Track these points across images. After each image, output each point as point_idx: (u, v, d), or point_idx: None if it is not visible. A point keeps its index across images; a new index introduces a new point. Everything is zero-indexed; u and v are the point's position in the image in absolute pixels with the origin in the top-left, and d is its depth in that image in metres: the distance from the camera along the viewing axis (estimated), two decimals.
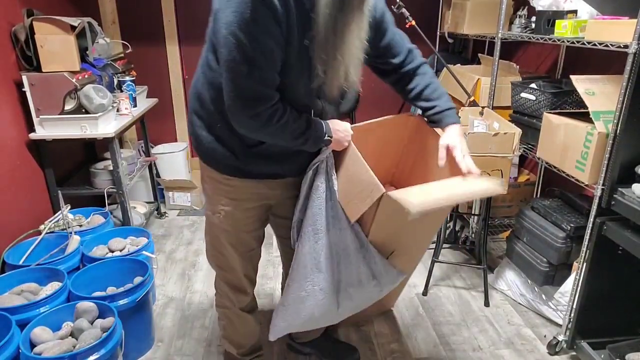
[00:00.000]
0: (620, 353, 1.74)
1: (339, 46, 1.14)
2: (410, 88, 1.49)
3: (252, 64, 1.12)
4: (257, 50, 1.11)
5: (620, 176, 1.65)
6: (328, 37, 1.13)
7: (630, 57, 1.55)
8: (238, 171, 1.39)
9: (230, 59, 1.13)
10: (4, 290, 1.79)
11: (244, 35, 1.09)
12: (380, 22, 1.35)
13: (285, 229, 1.61)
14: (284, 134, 1.26)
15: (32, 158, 2.35)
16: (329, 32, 1.12)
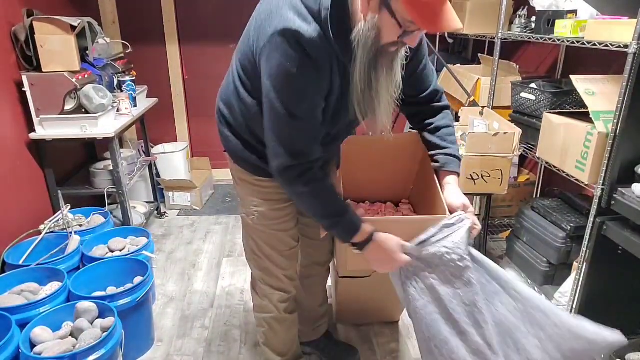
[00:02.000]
0: (620, 353, 1.74)
1: (374, 98, 1.15)
2: (429, 122, 1.45)
3: (294, 117, 1.12)
4: (301, 105, 1.12)
5: (620, 176, 1.66)
6: (364, 92, 1.14)
7: (630, 57, 1.55)
8: (268, 173, 1.34)
9: (272, 114, 1.13)
10: (4, 290, 1.79)
11: (286, 89, 1.09)
12: (416, 51, 1.29)
13: (310, 228, 1.64)
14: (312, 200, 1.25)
15: (32, 158, 2.35)
16: (365, 88, 1.13)
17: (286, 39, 1.03)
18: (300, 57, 1.04)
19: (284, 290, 1.59)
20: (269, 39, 1.06)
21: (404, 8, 0.99)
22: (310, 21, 1.05)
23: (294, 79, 1.07)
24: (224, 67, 1.17)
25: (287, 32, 1.03)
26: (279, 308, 1.60)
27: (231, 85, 1.30)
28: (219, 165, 3.77)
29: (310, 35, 1.04)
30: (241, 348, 2.03)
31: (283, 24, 1.04)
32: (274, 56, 1.06)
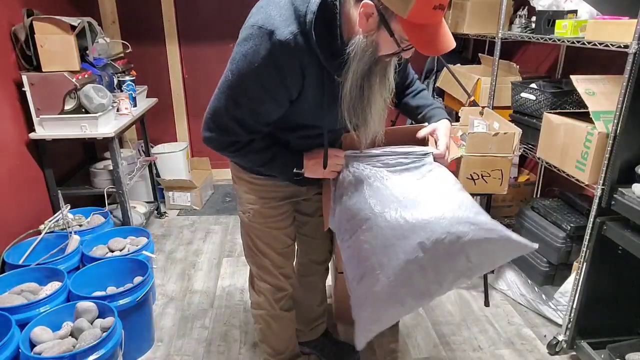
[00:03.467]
0: (620, 353, 1.74)
1: (366, 107, 1.16)
2: (409, 92, 1.50)
3: (236, 104, 1.15)
4: (246, 97, 1.14)
5: (620, 176, 1.65)
6: (355, 103, 1.14)
7: (630, 57, 1.55)
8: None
9: (221, 89, 1.17)
10: (4, 290, 1.79)
11: (240, 78, 1.12)
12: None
13: (308, 226, 1.65)
14: (243, 160, 1.36)
15: (32, 158, 2.35)
16: (356, 99, 1.14)
17: (260, 34, 1.05)
18: (266, 55, 1.06)
19: (280, 288, 1.60)
20: (246, 27, 1.09)
21: (402, 30, 1.00)
22: (290, 23, 1.05)
23: (251, 72, 1.09)
24: (224, 67, 1.16)
25: (263, 29, 1.05)
26: (274, 305, 1.61)
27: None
28: (218, 165, 3.77)
29: (285, 38, 1.04)
30: (241, 348, 2.03)
31: (262, 20, 1.06)
32: (244, 44, 1.08)
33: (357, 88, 1.11)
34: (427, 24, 1.00)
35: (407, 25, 0.99)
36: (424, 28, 0.99)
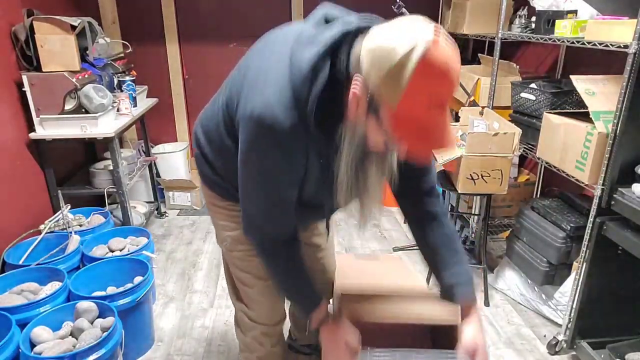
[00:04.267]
0: (620, 353, 1.74)
1: (362, 192, 1.06)
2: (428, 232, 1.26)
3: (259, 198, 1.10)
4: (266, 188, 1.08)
5: (620, 176, 1.65)
6: (350, 187, 1.04)
7: (630, 57, 1.55)
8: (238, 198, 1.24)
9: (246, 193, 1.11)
10: (4, 289, 1.79)
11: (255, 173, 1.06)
12: None
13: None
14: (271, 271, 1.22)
15: (32, 158, 2.35)
16: (351, 184, 1.04)
17: (260, 125, 0.95)
18: (270, 143, 0.98)
19: (270, 323, 1.46)
20: (245, 117, 0.99)
21: (389, 123, 0.88)
22: (290, 111, 0.93)
23: (261, 161, 1.03)
24: (224, 67, 1.15)
25: (262, 121, 0.94)
26: (265, 343, 1.48)
27: (216, 117, 1.20)
28: None
29: (286, 128, 0.94)
30: None
31: (260, 108, 0.95)
32: (247, 133, 1.00)
33: (352, 176, 1.01)
34: (420, 123, 0.86)
35: (398, 120, 0.86)
36: (416, 123, 0.86)
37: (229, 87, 1.14)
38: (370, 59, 0.85)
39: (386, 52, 0.82)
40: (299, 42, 0.95)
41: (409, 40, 0.81)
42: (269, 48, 1.04)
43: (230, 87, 1.12)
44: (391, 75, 0.82)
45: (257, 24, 3.56)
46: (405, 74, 0.80)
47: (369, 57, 0.85)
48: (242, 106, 1.01)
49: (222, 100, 1.16)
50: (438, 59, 0.80)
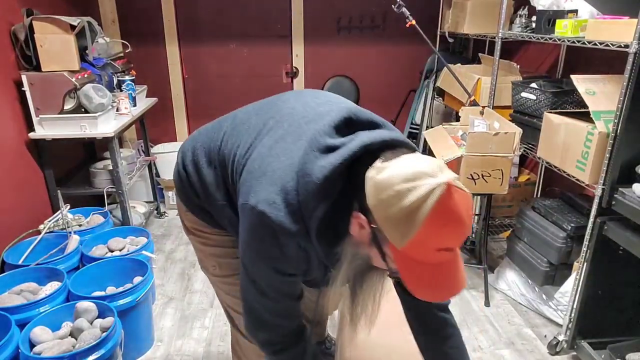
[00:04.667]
0: (620, 353, 1.73)
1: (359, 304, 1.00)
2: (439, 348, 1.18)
3: (262, 293, 1.03)
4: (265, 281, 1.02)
5: (620, 176, 1.65)
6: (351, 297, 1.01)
7: (631, 56, 1.54)
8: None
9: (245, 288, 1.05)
10: (3, 290, 1.79)
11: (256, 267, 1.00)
12: None
13: None
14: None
15: (31, 158, 2.35)
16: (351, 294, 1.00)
17: (264, 223, 0.91)
18: (271, 241, 0.93)
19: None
20: (247, 208, 0.93)
21: (394, 261, 0.84)
22: (295, 221, 0.90)
23: (263, 260, 0.98)
24: (224, 67, 1.14)
25: (267, 219, 0.90)
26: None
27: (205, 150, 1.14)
28: None
29: (292, 231, 0.90)
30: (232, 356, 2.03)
31: (264, 205, 0.90)
32: (248, 228, 0.96)
33: (351, 287, 0.98)
34: (428, 264, 0.81)
35: (403, 258, 0.81)
36: (422, 266, 0.81)
37: (239, 129, 1.08)
38: (378, 194, 0.79)
39: (396, 196, 0.77)
40: (313, 147, 0.89)
41: (423, 186, 0.76)
42: (281, 138, 0.97)
43: (242, 127, 1.07)
44: (398, 219, 0.77)
45: (257, 24, 3.56)
46: (416, 222, 0.76)
47: (376, 192, 0.80)
48: (246, 194, 0.95)
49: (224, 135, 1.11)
50: (451, 207, 0.76)
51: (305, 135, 0.94)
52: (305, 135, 0.94)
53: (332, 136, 0.91)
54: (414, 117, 3.57)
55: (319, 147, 0.89)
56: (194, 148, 1.17)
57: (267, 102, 1.13)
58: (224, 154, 1.08)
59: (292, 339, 1.14)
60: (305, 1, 3.51)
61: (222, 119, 1.20)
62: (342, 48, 3.69)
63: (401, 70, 3.77)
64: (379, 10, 3.57)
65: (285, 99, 1.11)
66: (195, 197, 1.19)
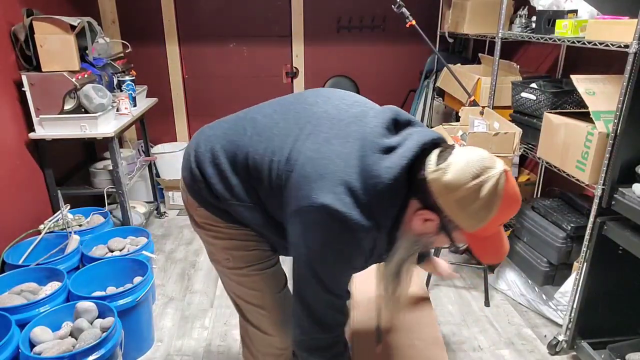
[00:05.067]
0: (620, 353, 1.74)
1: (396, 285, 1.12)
2: None
3: (328, 292, 1.05)
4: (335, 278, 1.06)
5: (620, 176, 1.65)
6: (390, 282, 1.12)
7: (631, 57, 1.55)
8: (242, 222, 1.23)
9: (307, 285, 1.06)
10: (3, 290, 1.79)
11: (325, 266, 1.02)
12: None
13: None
14: None
15: (31, 158, 2.35)
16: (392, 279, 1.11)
17: (339, 222, 0.94)
18: (348, 239, 0.97)
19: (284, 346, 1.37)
20: (314, 209, 0.94)
21: (466, 241, 0.99)
22: (365, 211, 0.95)
23: (336, 257, 1.01)
24: (224, 67, 1.13)
25: (343, 218, 0.93)
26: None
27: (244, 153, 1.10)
28: None
29: (365, 227, 0.96)
30: (241, 348, 2.03)
31: (340, 207, 0.93)
32: (320, 229, 0.97)
33: (395, 272, 1.08)
34: (490, 236, 0.98)
35: (471, 237, 0.97)
36: (487, 239, 0.98)
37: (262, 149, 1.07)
38: (451, 194, 0.90)
39: (471, 193, 0.89)
40: (372, 148, 0.95)
41: (490, 180, 0.89)
42: (326, 141, 1.00)
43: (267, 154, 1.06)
44: (476, 212, 0.91)
45: (257, 24, 3.56)
46: (492, 211, 0.91)
47: (449, 192, 0.90)
48: (306, 198, 0.96)
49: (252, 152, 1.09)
50: (511, 190, 0.91)
51: (352, 137, 0.98)
52: (351, 137, 0.98)
53: (387, 136, 0.97)
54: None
55: (379, 148, 0.95)
56: (213, 150, 1.15)
57: (289, 104, 1.13)
58: (255, 160, 1.08)
59: (344, 342, 1.15)
60: (305, 1, 3.51)
61: (238, 120, 1.17)
62: (342, 48, 3.69)
63: (401, 70, 3.77)
64: (379, 10, 3.57)
65: (311, 102, 1.11)
66: (212, 198, 1.17)
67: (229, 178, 1.12)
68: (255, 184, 1.10)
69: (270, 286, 1.29)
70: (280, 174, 1.03)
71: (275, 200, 1.07)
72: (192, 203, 1.24)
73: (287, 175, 1.01)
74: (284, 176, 1.02)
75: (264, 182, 1.07)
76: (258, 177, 1.08)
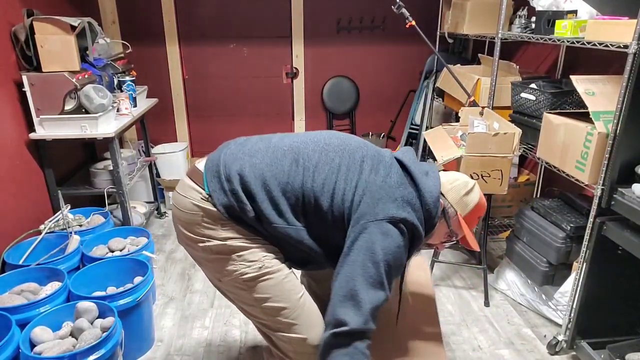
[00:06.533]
0: (620, 353, 1.74)
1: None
2: None
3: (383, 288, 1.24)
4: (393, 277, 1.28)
5: (620, 176, 1.65)
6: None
7: (630, 57, 1.55)
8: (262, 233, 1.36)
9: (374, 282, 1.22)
10: (4, 290, 1.79)
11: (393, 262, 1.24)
12: None
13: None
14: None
15: (32, 158, 2.35)
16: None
17: (405, 231, 1.25)
18: (407, 245, 1.27)
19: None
20: (387, 221, 1.22)
21: (460, 224, 1.35)
22: (422, 227, 1.29)
23: (401, 259, 1.26)
24: (224, 68, 1.15)
25: (410, 227, 1.25)
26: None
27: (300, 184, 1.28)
28: None
29: (422, 233, 1.29)
30: (241, 348, 2.03)
31: (411, 219, 1.24)
32: (390, 236, 1.22)
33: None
34: (470, 226, 1.38)
35: (463, 222, 1.35)
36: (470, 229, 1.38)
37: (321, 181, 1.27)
38: (448, 187, 1.36)
39: (459, 186, 1.37)
40: (420, 171, 1.32)
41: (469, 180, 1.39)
42: (387, 175, 1.28)
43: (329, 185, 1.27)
44: (464, 198, 1.36)
45: (257, 25, 3.56)
46: (474, 199, 1.37)
47: (447, 186, 1.36)
48: (376, 214, 1.23)
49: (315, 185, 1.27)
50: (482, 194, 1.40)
51: (398, 170, 1.31)
52: (398, 170, 1.31)
53: (420, 165, 1.36)
54: (414, 118, 3.57)
55: (423, 172, 1.33)
56: (264, 179, 1.27)
57: (334, 142, 1.34)
58: (314, 190, 1.27)
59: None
60: (305, 1, 3.51)
61: (280, 154, 1.31)
62: (342, 48, 3.69)
63: (401, 71, 3.77)
64: (378, 10, 3.57)
65: (355, 144, 1.35)
66: (254, 220, 1.29)
67: (280, 204, 1.27)
68: (307, 209, 1.28)
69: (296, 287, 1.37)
70: (345, 199, 1.26)
71: (325, 222, 1.29)
72: (218, 220, 1.29)
73: (358, 200, 1.25)
74: (354, 199, 1.25)
75: (321, 208, 1.27)
76: (312, 203, 1.27)
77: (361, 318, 1.18)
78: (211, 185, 1.29)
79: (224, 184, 1.28)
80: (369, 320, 1.20)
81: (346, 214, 1.26)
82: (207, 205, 1.29)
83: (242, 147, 1.35)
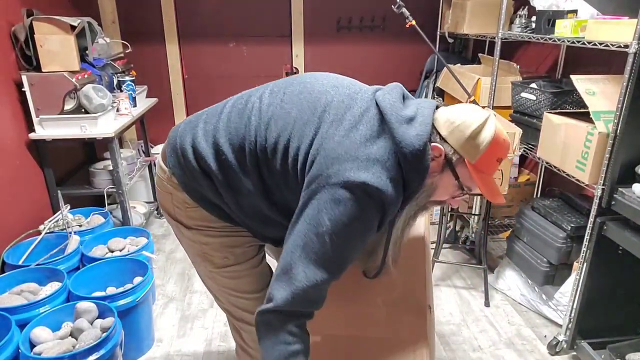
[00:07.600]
0: (620, 353, 1.74)
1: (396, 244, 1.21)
2: None
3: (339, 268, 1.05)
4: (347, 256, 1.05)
5: (620, 176, 1.65)
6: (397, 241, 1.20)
7: (631, 57, 1.55)
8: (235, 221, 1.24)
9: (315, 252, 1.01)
10: (3, 290, 1.79)
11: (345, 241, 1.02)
12: None
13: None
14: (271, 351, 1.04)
15: (31, 158, 2.35)
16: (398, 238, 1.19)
17: (373, 198, 1.00)
18: (375, 214, 1.02)
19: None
20: (350, 186, 0.98)
21: (470, 173, 1.07)
22: (398, 183, 1.03)
23: (358, 233, 1.03)
24: (224, 67, 1.14)
25: (378, 194, 0.99)
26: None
27: (252, 142, 1.11)
28: None
29: (394, 200, 1.02)
30: None
31: (378, 184, 0.98)
32: (351, 205, 0.99)
33: (402, 228, 1.15)
34: (487, 173, 1.09)
35: (474, 170, 1.07)
36: (484, 175, 1.09)
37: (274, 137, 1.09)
38: (448, 128, 1.06)
39: (464, 125, 1.05)
40: (399, 120, 1.04)
41: (479, 115, 1.06)
42: (354, 127, 1.05)
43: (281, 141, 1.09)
44: (471, 141, 1.05)
45: (257, 24, 3.56)
46: (486, 137, 1.05)
47: (447, 128, 1.06)
48: (339, 175, 1.00)
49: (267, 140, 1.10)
50: (500, 129, 1.08)
51: (375, 118, 1.06)
52: (374, 118, 1.07)
53: (404, 108, 1.07)
54: None
55: (404, 119, 1.04)
56: (216, 144, 1.15)
57: (298, 93, 1.14)
58: (266, 148, 1.10)
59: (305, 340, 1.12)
60: (305, 1, 3.51)
61: (237, 110, 1.17)
62: (342, 48, 3.69)
63: (401, 70, 3.77)
64: (379, 10, 3.57)
65: (320, 89, 1.15)
66: (213, 195, 1.18)
67: (237, 172, 1.13)
68: (264, 171, 1.12)
69: (264, 275, 1.32)
70: (296, 158, 1.07)
71: (285, 184, 1.11)
72: (187, 202, 1.21)
73: (313, 158, 1.04)
74: (308, 159, 1.05)
75: (274, 167, 1.10)
76: (268, 164, 1.10)
77: (289, 296, 0.99)
78: (170, 160, 1.22)
79: (180, 159, 1.21)
80: (300, 301, 1.00)
81: (299, 177, 1.07)
82: (171, 184, 1.23)
83: (200, 115, 1.26)
